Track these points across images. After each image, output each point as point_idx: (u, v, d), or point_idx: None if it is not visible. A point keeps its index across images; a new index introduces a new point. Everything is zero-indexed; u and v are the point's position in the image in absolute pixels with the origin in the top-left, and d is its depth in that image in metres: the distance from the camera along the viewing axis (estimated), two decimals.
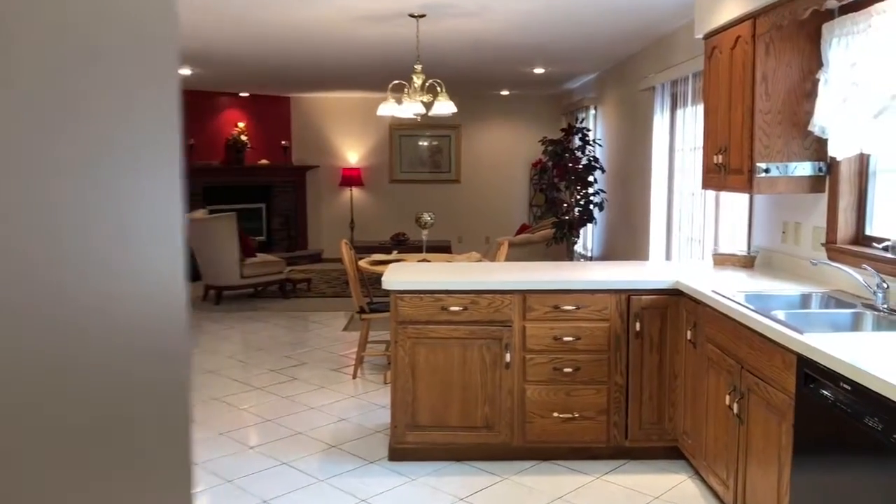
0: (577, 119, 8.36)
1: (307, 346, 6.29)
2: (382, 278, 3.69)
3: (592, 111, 8.68)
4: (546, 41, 6.35)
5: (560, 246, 7.40)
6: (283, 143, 11.08)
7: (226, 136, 10.50)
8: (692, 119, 5.46)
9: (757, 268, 4.03)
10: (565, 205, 7.27)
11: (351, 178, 11.32)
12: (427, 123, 11.21)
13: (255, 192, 11.00)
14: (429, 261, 5.43)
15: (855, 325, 2.85)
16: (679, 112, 5.83)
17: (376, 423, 4.34)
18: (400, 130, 11.44)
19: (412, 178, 11.56)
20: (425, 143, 11.59)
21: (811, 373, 2.35)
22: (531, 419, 3.70)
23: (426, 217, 5.23)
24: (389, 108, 5.21)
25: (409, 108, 5.08)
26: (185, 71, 8.03)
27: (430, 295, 3.63)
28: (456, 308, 3.63)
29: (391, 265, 4.12)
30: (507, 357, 3.64)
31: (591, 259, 8.72)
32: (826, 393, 2.26)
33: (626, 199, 7.18)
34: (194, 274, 8.80)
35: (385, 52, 6.63)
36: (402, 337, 3.67)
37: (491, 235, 11.43)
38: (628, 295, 3.65)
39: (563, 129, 7.34)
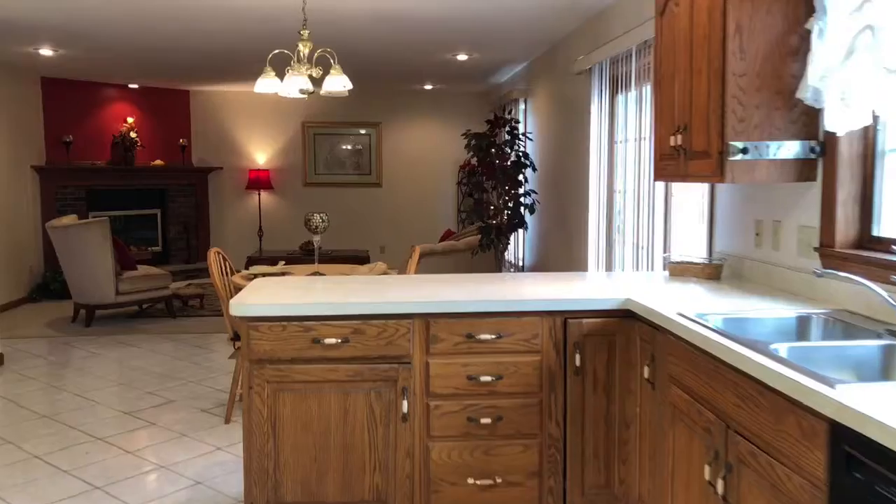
0: (504, 110, 7.50)
1: (180, 378, 5.17)
2: (231, 301, 2.67)
3: (522, 105, 7.85)
4: (462, 16, 5.44)
5: (488, 254, 6.50)
6: (180, 141, 9.87)
7: (112, 133, 9.24)
8: (636, 104, 4.64)
9: (725, 279, 3.18)
10: (492, 207, 6.38)
11: (259, 181, 10.19)
12: (344, 121, 10.21)
13: (149, 196, 9.76)
14: (322, 273, 4.42)
15: (888, 362, 2.00)
16: (620, 98, 5.01)
17: (241, 488, 3.30)
18: (314, 128, 10.39)
19: (329, 182, 10.51)
20: (344, 144, 10.57)
21: (857, 453, 1.47)
22: (438, 488, 2.74)
23: (317, 219, 4.23)
24: (268, 84, 4.19)
25: (293, 82, 4.08)
26: (47, 51, 6.81)
27: (297, 323, 2.64)
28: (333, 340, 2.64)
29: (253, 282, 3.10)
30: (405, 406, 2.68)
31: (522, 269, 7.86)
32: (888, 492, 1.38)
33: (561, 201, 6.34)
34: (63, 290, 7.56)
35: (274, 29, 5.60)
36: (259, 381, 2.66)
37: (417, 243, 10.47)
38: (565, 318, 2.74)
39: (488, 121, 6.46)
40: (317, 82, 4.29)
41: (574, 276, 3.83)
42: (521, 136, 6.37)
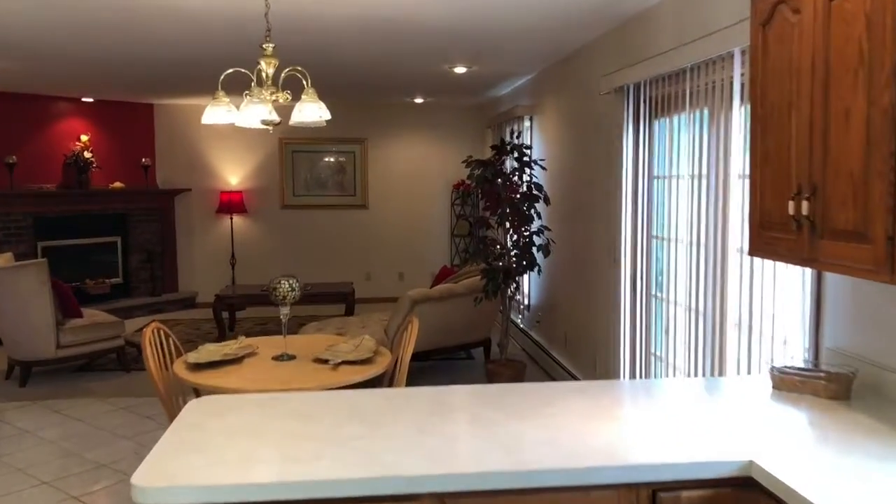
0: (512, 133, 6.55)
1: (121, 469, 4.17)
2: (133, 480, 1.70)
3: (527, 122, 6.91)
4: (463, 25, 4.50)
5: (492, 298, 5.53)
6: (143, 160, 8.84)
7: (64, 153, 8.20)
8: (687, 131, 3.71)
9: (858, 401, 2.24)
10: (498, 246, 5.43)
11: (231, 204, 9.18)
12: (326, 136, 9.17)
13: (107, 222, 8.72)
14: (292, 356, 3.44)
15: None
16: (662, 123, 4.08)
17: None
18: (293, 145, 9.40)
19: (309, 203, 9.52)
20: (325, 161, 9.58)
21: None
22: None
23: (285, 287, 3.26)
24: (219, 114, 3.22)
25: (253, 112, 3.11)
26: None
27: None
28: None
29: (179, 419, 2.12)
30: None
31: (528, 309, 6.91)
32: None
33: (577, 239, 5.40)
34: None
35: (240, 37, 4.63)
36: None
37: (405, 271, 9.56)
38: (653, 490, 1.79)
39: (493, 147, 5.52)
40: (286, 109, 3.32)
41: (628, 389, 2.88)
42: (531, 164, 5.43)
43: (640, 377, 4.43)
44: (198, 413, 2.18)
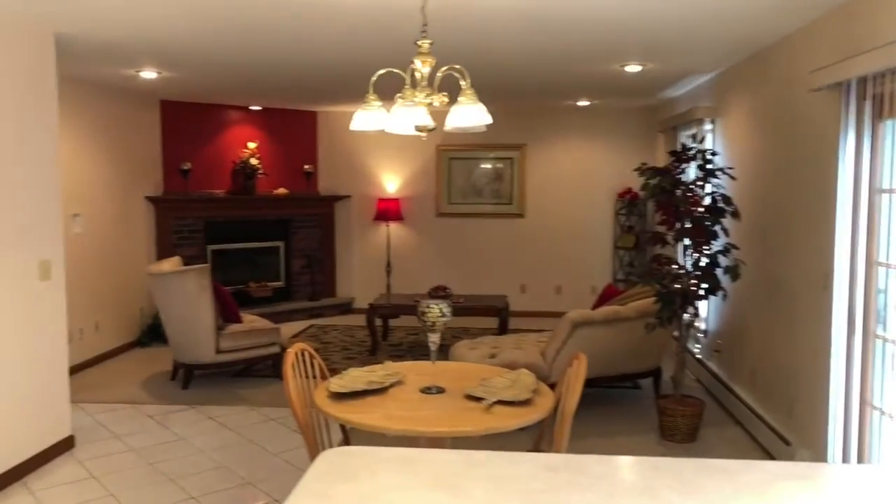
0: (693, 138, 5.86)
1: (266, 489, 4.02)
2: None
3: (708, 126, 6.17)
4: (641, 17, 3.95)
5: (667, 325, 4.90)
6: (305, 167, 8.98)
7: (233, 160, 8.48)
8: None
9: None
10: (675, 266, 4.79)
11: (388, 212, 9.10)
12: (484, 143, 8.80)
13: (271, 227, 8.93)
14: (441, 389, 3.07)
15: None
16: (893, 124, 3.32)
17: None
18: (450, 152, 9.17)
19: (464, 212, 9.25)
20: (482, 168, 9.26)
21: None
22: None
23: (435, 311, 2.90)
24: (369, 119, 2.91)
25: (406, 116, 2.78)
26: (149, 74, 6.00)
27: None
28: None
29: (310, 476, 1.79)
30: None
31: (705, 335, 6.16)
32: None
33: (773, 264, 4.65)
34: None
35: (396, 38, 4.37)
36: None
37: (563, 285, 9.04)
38: None
39: (672, 153, 4.88)
40: (441, 114, 2.96)
41: (867, 481, 2.22)
42: (717, 173, 4.74)
43: (853, 430, 3.66)
44: (326, 474, 1.84)
